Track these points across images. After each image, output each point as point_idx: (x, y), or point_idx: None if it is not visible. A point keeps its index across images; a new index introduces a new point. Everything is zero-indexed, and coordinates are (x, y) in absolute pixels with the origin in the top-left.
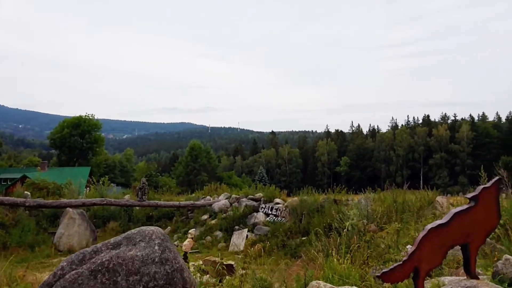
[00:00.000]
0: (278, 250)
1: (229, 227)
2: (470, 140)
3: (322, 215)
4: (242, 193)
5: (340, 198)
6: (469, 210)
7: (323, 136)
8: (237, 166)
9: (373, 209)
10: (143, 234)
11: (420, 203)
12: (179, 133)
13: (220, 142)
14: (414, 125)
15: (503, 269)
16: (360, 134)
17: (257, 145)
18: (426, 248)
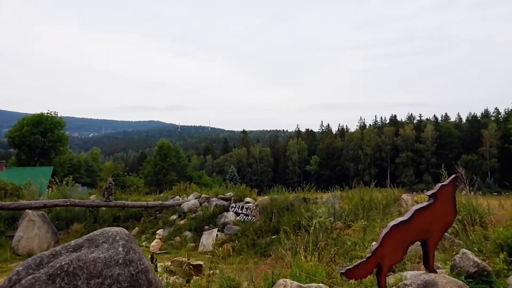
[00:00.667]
0: (248, 249)
1: (198, 227)
2: (434, 140)
3: (292, 214)
4: (212, 193)
5: (310, 196)
6: (428, 207)
7: (294, 135)
8: (207, 166)
9: (341, 207)
10: (107, 236)
11: (386, 201)
12: (148, 131)
13: (190, 141)
14: (381, 125)
15: (460, 262)
16: (330, 134)
17: (228, 144)
18: (388, 245)
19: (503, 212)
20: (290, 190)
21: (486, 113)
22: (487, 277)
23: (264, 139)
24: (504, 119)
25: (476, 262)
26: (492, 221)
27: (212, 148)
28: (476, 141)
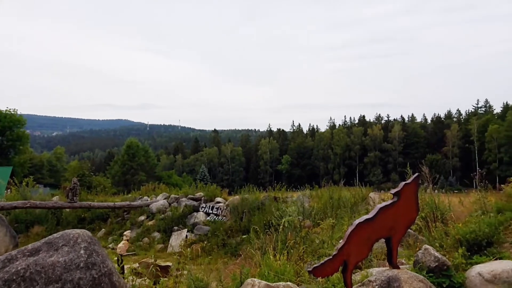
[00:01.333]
0: (218, 249)
1: (167, 227)
2: (401, 140)
3: (263, 213)
4: (181, 193)
5: (280, 195)
6: (392, 205)
7: (265, 135)
8: (177, 165)
9: (311, 205)
10: (67, 238)
11: (354, 199)
12: (116, 130)
13: (159, 140)
14: (350, 125)
15: (423, 258)
16: (301, 133)
17: (199, 144)
18: (354, 242)
19: (463, 209)
20: (261, 190)
21: (449, 114)
22: (446, 271)
23: (236, 139)
24: (465, 120)
25: (437, 257)
26: (452, 217)
27: (182, 148)
28: (440, 141)
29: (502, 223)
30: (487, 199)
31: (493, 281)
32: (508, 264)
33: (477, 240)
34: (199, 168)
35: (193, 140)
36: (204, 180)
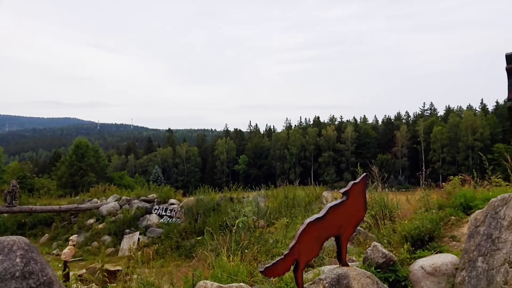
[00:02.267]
0: (172, 252)
1: (118, 231)
2: (354, 140)
3: (218, 214)
4: (133, 195)
5: (237, 195)
6: (341, 204)
7: (222, 134)
8: (129, 166)
9: (267, 205)
10: (1, 246)
11: (308, 198)
12: (63, 129)
13: (110, 140)
14: (306, 125)
15: (371, 254)
16: (258, 134)
17: (153, 143)
18: (305, 241)
19: (409, 206)
20: (218, 190)
21: (398, 116)
22: (393, 266)
23: (191, 138)
24: (413, 121)
25: (384, 253)
26: (399, 215)
27: (135, 148)
28: (390, 142)
29: (442, 218)
30: (430, 196)
31: (434, 273)
32: (447, 257)
33: (420, 235)
34: (152, 168)
35: (147, 140)
36: (157, 181)
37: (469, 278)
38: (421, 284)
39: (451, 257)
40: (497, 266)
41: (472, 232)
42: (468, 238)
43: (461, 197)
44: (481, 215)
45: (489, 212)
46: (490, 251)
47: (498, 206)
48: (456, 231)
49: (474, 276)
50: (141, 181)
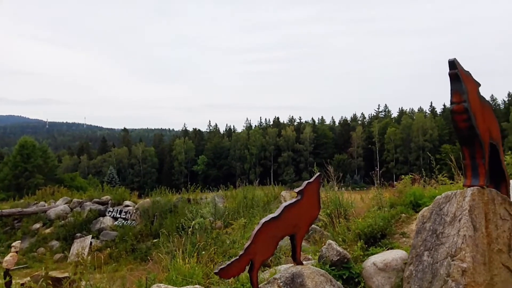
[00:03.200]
0: (127, 255)
1: (68, 235)
2: (312, 140)
3: (175, 215)
4: (86, 197)
5: (195, 197)
6: (296, 203)
7: (180, 134)
8: (82, 167)
9: (226, 206)
10: None
11: (267, 198)
12: (6, 128)
13: (61, 140)
14: (266, 126)
15: (326, 252)
16: (217, 134)
17: (107, 143)
18: (260, 241)
19: (363, 205)
20: (175, 191)
21: (354, 117)
22: (347, 263)
23: (148, 138)
24: (368, 123)
25: (338, 251)
26: (353, 213)
27: (88, 148)
28: (347, 142)
29: (394, 216)
30: (382, 195)
31: (385, 269)
32: (397, 253)
33: (373, 233)
34: (107, 169)
35: (101, 140)
36: (112, 183)
37: (416, 272)
38: (373, 279)
39: (401, 252)
40: (441, 260)
41: (419, 228)
42: (416, 234)
43: (411, 196)
44: (428, 212)
45: (435, 209)
46: (434, 245)
47: (442, 203)
48: (406, 228)
49: (420, 269)
50: (94, 183)
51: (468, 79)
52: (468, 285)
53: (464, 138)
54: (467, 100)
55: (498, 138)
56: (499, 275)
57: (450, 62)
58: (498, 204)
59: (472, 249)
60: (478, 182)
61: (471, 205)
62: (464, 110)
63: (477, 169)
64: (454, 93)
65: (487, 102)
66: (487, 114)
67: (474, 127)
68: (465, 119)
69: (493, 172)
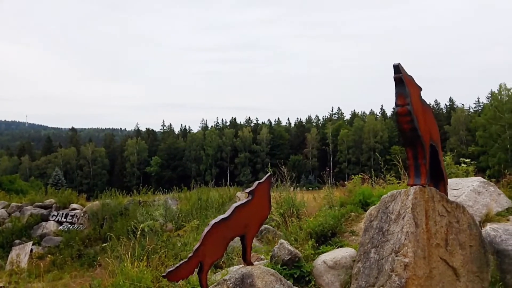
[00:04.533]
0: (73, 261)
1: (6, 242)
2: (268, 141)
3: (126, 218)
4: (27, 200)
5: (147, 199)
6: (247, 203)
7: (133, 134)
8: (23, 168)
9: (179, 208)
10: None
11: (222, 199)
12: None
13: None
14: (222, 126)
15: (278, 252)
16: (172, 134)
17: (53, 143)
18: (209, 243)
19: (315, 204)
20: (127, 193)
21: (309, 119)
22: (298, 262)
23: (98, 138)
24: (322, 125)
25: (290, 250)
26: (305, 212)
27: (30, 148)
28: (302, 143)
29: (344, 215)
30: (333, 194)
31: (334, 267)
32: (346, 251)
33: (324, 231)
34: (52, 171)
35: (45, 140)
36: (58, 185)
37: (364, 268)
38: (323, 277)
39: (350, 250)
40: (386, 256)
41: (367, 226)
42: (364, 232)
43: (360, 195)
44: (375, 210)
45: (381, 207)
46: (381, 242)
47: (388, 201)
48: (355, 226)
49: (367, 266)
50: (37, 185)
51: (411, 83)
52: (409, 278)
53: (407, 139)
54: (410, 103)
55: (438, 140)
56: (437, 268)
57: (395, 67)
58: (437, 201)
59: (413, 244)
60: (420, 181)
61: (414, 203)
62: (407, 112)
63: (419, 169)
64: (399, 96)
65: (428, 105)
66: (428, 117)
67: (416, 129)
68: (408, 121)
69: (433, 172)
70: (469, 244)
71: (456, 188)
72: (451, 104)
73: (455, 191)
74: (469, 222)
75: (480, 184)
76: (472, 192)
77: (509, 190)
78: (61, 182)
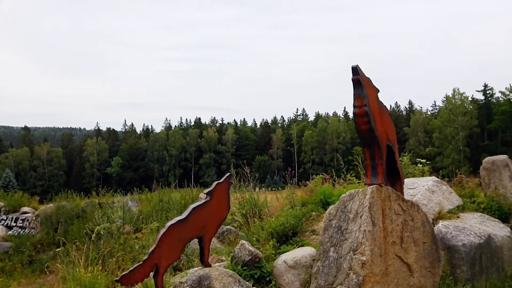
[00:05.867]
0: (23, 268)
1: None
2: (234, 142)
3: (84, 221)
4: None
5: (106, 200)
6: (205, 204)
7: (92, 134)
8: None
9: (140, 210)
10: None
11: (184, 201)
12: None
13: None
14: (186, 126)
15: (239, 253)
16: (134, 134)
17: (3, 143)
18: (166, 245)
19: (278, 204)
20: (85, 195)
21: (274, 120)
22: (258, 263)
23: (55, 138)
24: (287, 125)
25: (251, 251)
26: (267, 213)
27: None
28: (267, 144)
29: (305, 214)
30: (295, 194)
31: (295, 266)
32: (306, 250)
33: (285, 231)
34: (2, 172)
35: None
36: (9, 187)
37: (323, 267)
38: (284, 277)
39: (310, 249)
40: (344, 254)
41: (326, 225)
42: (323, 231)
43: (321, 194)
44: (334, 209)
45: (340, 206)
46: (339, 241)
47: (346, 201)
48: (316, 225)
49: (326, 265)
50: None
51: (369, 85)
52: (366, 276)
53: (365, 140)
54: (368, 104)
55: (394, 140)
56: (392, 265)
57: (353, 68)
58: (393, 200)
59: (371, 242)
60: (377, 181)
61: (371, 202)
62: (365, 113)
63: (376, 168)
64: (356, 97)
65: (384, 106)
66: (385, 118)
67: (373, 130)
68: (365, 122)
69: (390, 172)
70: (422, 241)
71: (412, 188)
72: (410, 107)
73: (411, 190)
74: (423, 220)
75: (434, 184)
76: (426, 191)
77: (460, 189)
78: (12, 184)
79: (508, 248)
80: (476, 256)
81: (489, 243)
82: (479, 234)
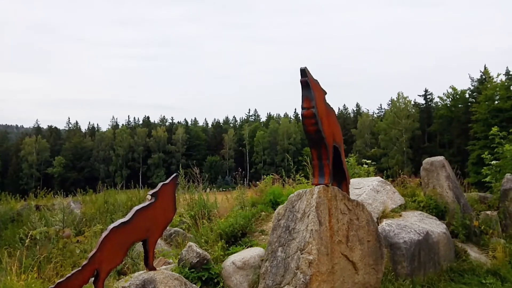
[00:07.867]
0: None
1: None
2: (185, 142)
3: (19, 225)
4: None
5: (46, 202)
6: (149, 206)
7: (31, 132)
8: None
9: (83, 212)
10: None
11: (131, 202)
12: None
13: None
14: (134, 125)
15: (186, 255)
16: (78, 132)
17: None
18: (107, 249)
19: (228, 204)
20: (21, 197)
21: (226, 120)
22: (206, 264)
23: None
24: (239, 126)
25: (198, 253)
26: (216, 213)
27: None
28: (219, 144)
29: (254, 215)
30: (245, 194)
31: (243, 267)
32: (255, 251)
33: (234, 232)
34: None
35: None
36: None
37: (271, 267)
38: (232, 278)
39: (259, 250)
40: (292, 254)
41: (275, 225)
42: (272, 231)
43: (271, 194)
44: (283, 209)
45: (288, 206)
46: (287, 241)
47: (294, 201)
48: (266, 226)
49: (274, 265)
50: None
51: (317, 87)
52: (313, 275)
53: (312, 141)
54: (315, 106)
55: (341, 142)
56: (338, 263)
57: (301, 70)
58: (339, 200)
59: (317, 242)
60: (324, 181)
61: (318, 202)
62: (312, 115)
63: (323, 169)
64: (304, 99)
65: (331, 108)
66: (332, 120)
67: (320, 131)
68: (313, 123)
69: (337, 172)
70: (367, 240)
71: (358, 187)
72: (357, 109)
73: (357, 190)
74: (368, 219)
75: (379, 184)
76: (371, 191)
77: (402, 189)
78: None
79: (444, 244)
80: (416, 252)
81: (427, 239)
82: (418, 231)
